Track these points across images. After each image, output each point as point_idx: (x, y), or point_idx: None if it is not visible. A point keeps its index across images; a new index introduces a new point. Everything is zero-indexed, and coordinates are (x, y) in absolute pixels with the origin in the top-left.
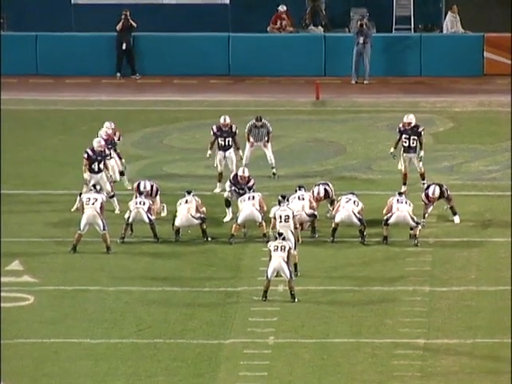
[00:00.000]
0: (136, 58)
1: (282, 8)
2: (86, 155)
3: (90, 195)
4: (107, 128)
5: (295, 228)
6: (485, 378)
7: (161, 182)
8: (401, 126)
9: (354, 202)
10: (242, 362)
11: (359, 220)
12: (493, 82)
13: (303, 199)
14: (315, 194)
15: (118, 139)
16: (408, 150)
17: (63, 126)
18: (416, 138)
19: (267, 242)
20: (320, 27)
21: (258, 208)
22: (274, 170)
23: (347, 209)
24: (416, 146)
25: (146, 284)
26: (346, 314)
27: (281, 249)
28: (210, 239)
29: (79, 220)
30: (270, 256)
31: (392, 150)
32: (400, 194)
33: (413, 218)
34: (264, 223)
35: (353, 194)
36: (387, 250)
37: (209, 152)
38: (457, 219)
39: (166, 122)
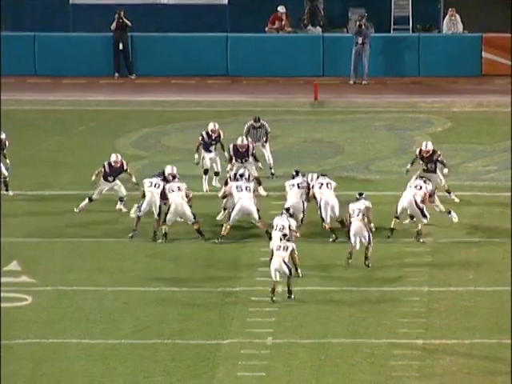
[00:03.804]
0: (134, 58)
1: (282, 9)
2: (102, 168)
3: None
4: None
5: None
6: (483, 378)
7: None
8: (418, 152)
9: (328, 184)
10: (240, 362)
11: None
12: (491, 82)
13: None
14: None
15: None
16: (427, 171)
17: (61, 126)
18: (433, 164)
19: (270, 238)
20: (318, 27)
21: (254, 201)
22: (273, 171)
23: (325, 193)
24: (435, 168)
25: (144, 284)
26: (343, 314)
27: (283, 249)
28: (202, 236)
29: (77, 220)
30: (272, 255)
31: (408, 166)
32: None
33: (420, 207)
34: (263, 221)
35: (323, 175)
36: (385, 251)
37: (196, 156)
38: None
39: (163, 123)
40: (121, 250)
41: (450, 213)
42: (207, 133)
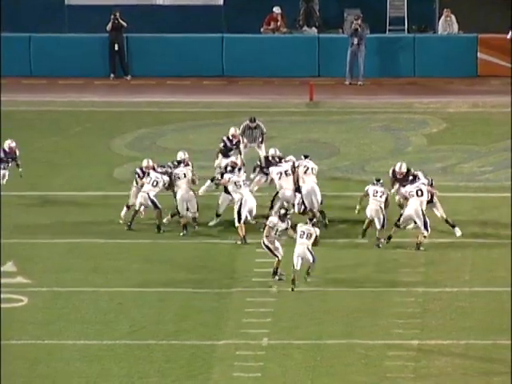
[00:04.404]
0: (129, 59)
1: (277, 10)
2: (136, 175)
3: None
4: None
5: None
6: (478, 378)
7: None
8: (391, 172)
9: (312, 169)
10: (236, 363)
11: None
12: (486, 82)
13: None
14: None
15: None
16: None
17: (56, 127)
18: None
19: (294, 226)
20: (314, 28)
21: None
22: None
23: (308, 182)
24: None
25: (139, 285)
26: (338, 315)
27: (307, 236)
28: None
29: (73, 221)
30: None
31: (393, 191)
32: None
33: (425, 219)
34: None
35: (306, 157)
36: (380, 251)
37: (217, 162)
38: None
39: (159, 123)
40: (116, 251)
41: (454, 227)
42: (228, 138)
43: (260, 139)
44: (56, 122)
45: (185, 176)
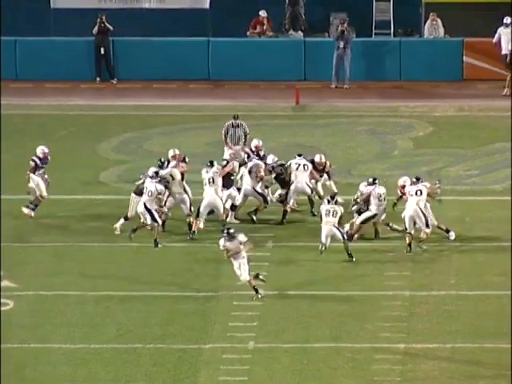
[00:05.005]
0: (116, 62)
1: (263, 14)
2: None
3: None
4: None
5: None
6: (464, 382)
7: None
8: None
9: (304, 166)
10: (222, 366)
11: (310, 188)
12: (472, 86)
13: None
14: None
15: None
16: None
17: (43, 130)
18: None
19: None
20: (300, 32)
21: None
22: None
23: (299, 177)
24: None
25: (125, 289)
26: (325, 318)
27: (332, 214)
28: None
29: (59, 225)
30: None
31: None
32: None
33: (425, 216)
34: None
35: (300, 155)
36: (367, 255)
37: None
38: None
39: (145, 127)
40: (102, 255)
41: (448, 232)
42: (251, 149)
43: (243, 139)
44: (42, 125)
45: (173, 178)
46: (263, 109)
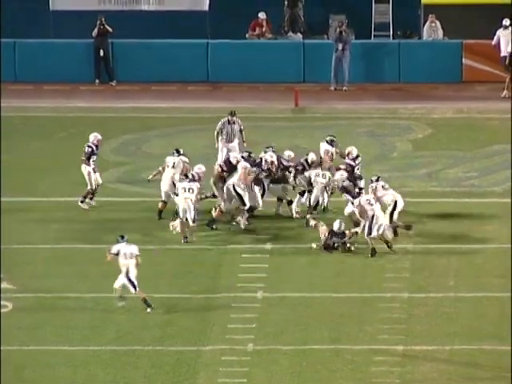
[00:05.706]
0: (115, 64)
1: (262, 16)
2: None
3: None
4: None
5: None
6: None
7: (139, 189)
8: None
9: (323, 175)
10: (221, 368)
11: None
12: (471, 88)
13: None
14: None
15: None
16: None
17: (42, 132)
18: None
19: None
20: (299, 34)
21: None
22: None
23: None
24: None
25: (124, 291)
26: (324, 320)
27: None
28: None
29: (58, 227)
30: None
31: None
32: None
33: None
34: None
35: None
36: (365, 257)
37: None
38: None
39: (144, 129)
40: (102, 257)
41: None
42: (306, 160)
43: (240, 136)
44: (41, 127)
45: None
46: (262, 111)
